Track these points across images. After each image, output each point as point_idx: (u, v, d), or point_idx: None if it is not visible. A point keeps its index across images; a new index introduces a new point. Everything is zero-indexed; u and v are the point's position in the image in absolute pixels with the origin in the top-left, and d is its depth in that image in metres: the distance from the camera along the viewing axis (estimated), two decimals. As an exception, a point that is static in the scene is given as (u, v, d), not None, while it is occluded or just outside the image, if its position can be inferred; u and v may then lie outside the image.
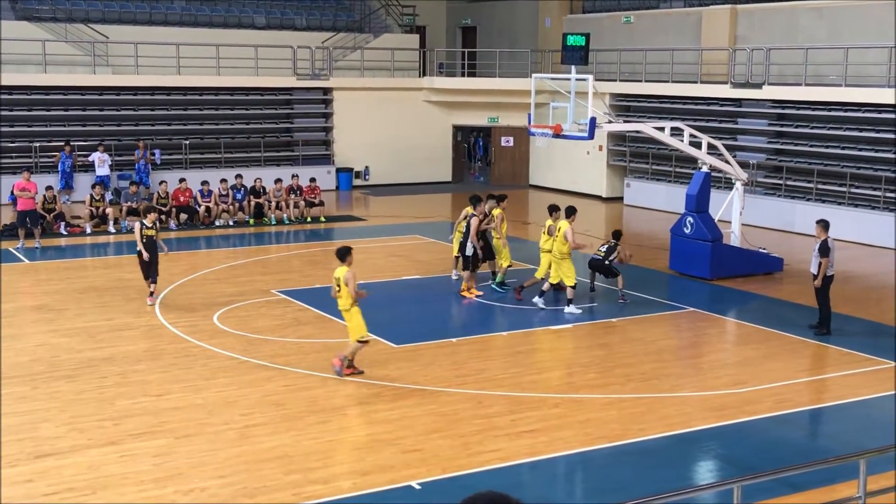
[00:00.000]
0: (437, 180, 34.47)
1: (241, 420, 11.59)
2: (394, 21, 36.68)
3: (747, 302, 18.27)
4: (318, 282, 18.94)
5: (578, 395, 12.69)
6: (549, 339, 15.29)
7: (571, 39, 18.90)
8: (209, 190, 25.50)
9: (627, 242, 20.56)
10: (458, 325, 16.57)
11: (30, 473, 10.05)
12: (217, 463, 10.40)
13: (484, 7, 39.40)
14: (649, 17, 32.53)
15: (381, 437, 11.17)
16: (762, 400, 12.62)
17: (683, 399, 12.71)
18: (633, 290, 18.46)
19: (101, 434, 11.10)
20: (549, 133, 19.04)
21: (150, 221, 16.90)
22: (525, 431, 11.38)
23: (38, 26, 29.69)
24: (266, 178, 26.92)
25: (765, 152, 27.50)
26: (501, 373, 13.61)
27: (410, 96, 34.06)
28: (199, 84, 31.07)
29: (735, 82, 27.55)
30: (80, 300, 17.24)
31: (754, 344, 15.32)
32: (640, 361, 14.20)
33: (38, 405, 12.00)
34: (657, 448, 11.08)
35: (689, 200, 19.92)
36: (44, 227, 22.78)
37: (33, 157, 28.35)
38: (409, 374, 13.38)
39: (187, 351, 14.32)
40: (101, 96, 30.13)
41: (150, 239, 16.77)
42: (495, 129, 34.95)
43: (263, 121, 32.54)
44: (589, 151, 31.12)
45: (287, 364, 13.59)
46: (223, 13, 33.80)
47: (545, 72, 31.11)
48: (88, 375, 13.13)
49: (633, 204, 30.25)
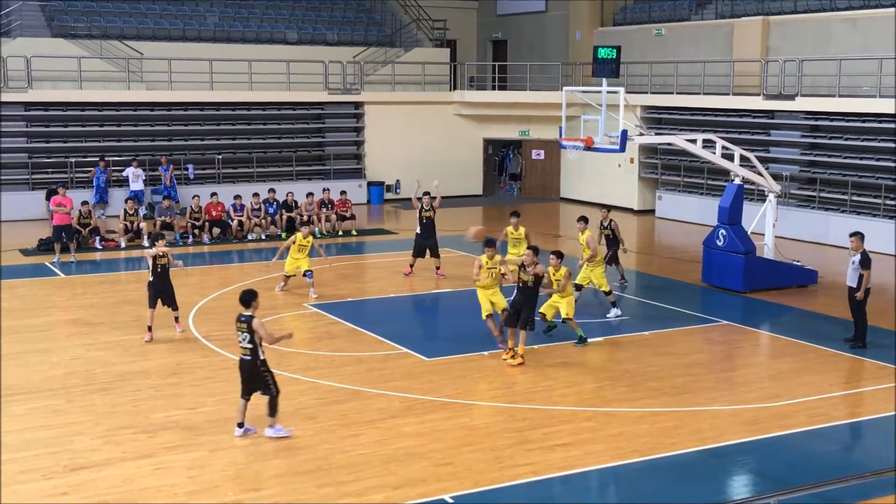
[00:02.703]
0: (468, 193, 34.51)
1: (274, 433, 11.64)
2: (425, 35, 36.82)
3: (781, 315, 18.11)
4: (349, 295, 19.03)
5: (610, 409, 12.64)
6: (580, 352, 15.23)
7: (602, 52, 18.89)
8: (241, 204, 25.70)
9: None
10: (489, 338, 16.54)
11: (65, 486, 10.15)
12: (251, 476, 10.45)
13: (514, 21, 39.46)
14: (680, 30, 32.44)
15: (412, 450, 11.18)
16: (796, 414, 12.51)
17: (716, 413, 12.62)
18: (665, 304, 18.40)
19: (135, 447, 11.19)
20: (580, 146, 19.04)
21: (162, 248, 15.78)
22: (557, 445, 11.34)
23: (73, 43, 30.11)
24: (298, 192, 27.11)
25: (798, 164, 27.29)
26: (533, 386, 13.58)
27: (441, 110, 34.16)
28: (231, 99, 31.35)
29: (767, 94, 27.39)
30: (114, 314, 17.40)
31: (788, 357, 15.18)
32: (672, 375, 14.12)
33: (73, 418, 12.12)
34: (690, 462, 11.01)
35: (722, 213, 19.81)
36: (79, 241, 23.04)
37: (69, 172, 28.71)
38: (440, 388, 13.38)
39: (220, 364, 14.42)
40: (135, 112, 30.48)
41: (164, 269, 15.72)
42: (526, 142, 34.94)
43: (295, 135, 32.77)
44: (620, 164, 31.03)
45: (319, 377, 13.64)
46: (256, 29, 34.10)
47: (576, 85, 31.11)
48: (123, 389, 13.25)
49: (664, 216, 30.12)
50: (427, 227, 20.59)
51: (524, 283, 14.52)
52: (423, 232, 20.62)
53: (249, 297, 11.27)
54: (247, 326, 11.09)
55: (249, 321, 11.11)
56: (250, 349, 11.19)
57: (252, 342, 11.15)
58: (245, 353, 11.25)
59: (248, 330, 11.10)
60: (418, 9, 37.18)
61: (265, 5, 35.74)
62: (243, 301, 11.25)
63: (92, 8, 32.34)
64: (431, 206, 20.70)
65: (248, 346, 11.19)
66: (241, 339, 11.24)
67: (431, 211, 20.63)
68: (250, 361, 11.21)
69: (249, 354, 11.21)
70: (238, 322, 11.20)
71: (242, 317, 11.16)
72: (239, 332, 11.22)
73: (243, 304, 11.23)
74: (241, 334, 11.20)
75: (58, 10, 31.54)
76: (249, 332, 11.10)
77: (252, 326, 11.07)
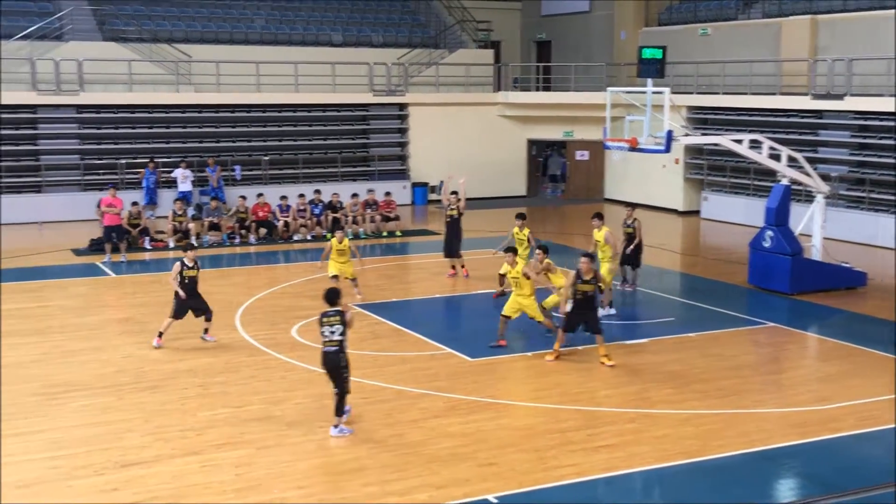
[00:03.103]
0: (512, 195, 34.51)
1: (320, 432, 11.76)
2: (469, 37, 36.88)
3: (829, 317, 17.92)
4: (393, 296, 19.13)
5: (655, 411, 12.59)
6: (624, 353, 15.19)
7: (648, 52, 18.81)
8: (287, 205, 25.93)
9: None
10: (533, 339, 16.54)
11: (116, 482, 10.34)
12: (296, 474, 10.57)
13: (558, 21, 39.38)
14: (727, 29, 32.17)
15: (456, 450, 11.23)
16: (845, 417, 12.37)
17: (763, 415, 12.53)
18: (711, 306, 18.29)
19: (184, 444, 11.37)
20: (625, 146, 18.98)
21: (191, 260, 15.47)
22: (601, 446, 11.33)
23: (124, 47, 30.57)
24: (343, 193, 27.29)
25: (847, 164, 26.95)
26: (577, 387, 13.58)
27: (485, 111, 34.20)
28: (278, 101, 31.66)
29: (816, 93, 27.07)
30: (163, 313, 17.54)
31: (836, 360, 15.02)
32: (718, 377, 14.03)
33: (124, 415, 12.33)
34: (736, 465, 10.94)
35: (769, 214, 19.63)
36: (129, 241, 23.40)
37: (119, 173, 29.16)
38: (484, 388, 13.42)
39: (266, 363, 14.58)
40: (183, 114, 30.89)
41: (191, 280, 15.45)
42: (570, 142, 34.84)
43: (340, 136, 33.00)
44: (665, 165, 30.84)
45: (363, 377, 13.74)
46: (301, 32, 34.37)
47: (620, 85, 30.80)
48: (172, 387, 13.46)
49: (710, 217, 29.88)
50: (451, 226, 20.53)
51: (583, 294, 14.40)
52: (448, 232, 20.61)
53: (336, 294, 11.84)
54: (339, 319, 11.61)
55: (342, 314, 11.65)
56: (339, 341, 11.63)
57: (343, 334, 11.63)
58: (332, 345, 11.65)
59: (340, 322, 11.60)
60: (462, 10, 37.25)
61: (311, 8, 36.03)
62: (331, 298, 11.75)
63: (142, 12, 32.81)
64: (457, 206, 20.59)
65: (338, 337, 11.63)
66: (331, 332, 11.63)
67: (456, 210, 20.55)
68: (336, 352, 11.63)
69: (337, 345, 11.64)
70: (327, 317, 11.65)
71: (332, 311, 11.66)
72: (327, 326, 11.62)
73: (331, 302, 11.73)
74: (331, 327, 11.62)
75: (109, 15, 32.05)
76: (342, 325, 11.60)
77: (345, 319, 11.63)
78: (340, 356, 11.65)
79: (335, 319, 11.66)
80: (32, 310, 17.82)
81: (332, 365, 11.67)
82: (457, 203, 20.59)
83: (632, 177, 32.62)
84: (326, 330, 11.67)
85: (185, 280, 15.37)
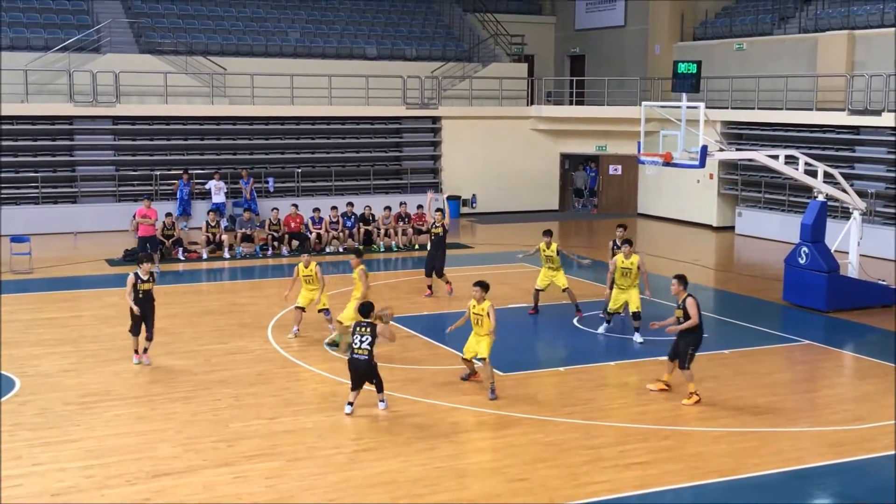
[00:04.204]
0: (545, 209, 34.43)
1: (350, 445, 11.76)
2: (502, 50, 36.92)
3: (865, 335, 17.69)
4: (425, 309, 19.11)
5: (688, 428, 12.47)
6: (657, 370, 15.05)
7: (682, 67, 18.71)
8: (320, 217, 26.03)
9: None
10: (566, 354, 16.47)
11: (147, 492, 10.38)
12: (327, 486, 10.56)
13: (592, 35, 39.32)
14: (762, 44, 31.97)
15: (487, 465, 11.18)
16: (881, 437, 12.19)
17: (798, 434, 12.37)
18: (745, 322, 18.11)
19: (215, 455, 11.40)
20: (659, 161, 18.86)
21: (146, 273, 14.78)
22: (634, 463, 11.23)
23: (160, 59, 30.88)
24: (375, 206, 27.36)
25: (884, 181, 26.63)
26: (609, 403, 13.48)
27: (518, 125, 34.18)
28: (311, 114, 31.83)
29: (853, 109, 26.82)
30: (196, 324, 17.76)
31: (873, 379, 14.81)
32: (752, 395, 13.88)
33: (156, 426, 12.39)
34: (771, 484, 10.81)
35: (805, 230, 19.43)
36: (163, 252, 23.58)
37: (154, 185, 29.41)
38: (515, 403, 13.36)
39: (298, 375, 14.61)
40: (218, 126, 31.13)
41: (146, 294, 14.77)
42: (603, 157, 34.72)
43: (373, 149, 33.11)
44: (699, 180, 30.65)
45: (395, 390, 13.71)
46: (335, 45, 34.56)
47: (654, 99, 30.84)
48: (203, 397, 13.51)
49: (744, 233, 29.64)
50: (436, 244, 20.24)
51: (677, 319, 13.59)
52: (431, 250, 20.34)
53: (369, 308, 12.97)
54: (370, 330, 12.68)
55: (373, 326, 12.75)
56: (368, 350, 12.64)
57: (371, 344, 12.65)
58: (363, 353, 12.65)
59: (370, 333, 12.67)
60: (496, 24, 37.30)
61: (345, 21, 36.22)
62: (364, 312, 12.90)
63: (178, 25, 33.14)
64: (442, 223, 20.34)
65: (367, 346, 12.64)
66: (361, 342, 12.67)
67: (441, 228, 20.28)
68: (367, 360, 12.67)
69: (367, 354, 12.64)
70: (360, 327, 12.77)
71: (365, 322, 12.79)
72: (358, 335, 12.72)
73: (364, 314, 12.88)
74: (362, 337, 12.69)
75: (146, 27, 32.40)
76: (372, 336, 12.66)
77: (376, 331, 12.71)
78: (371, 363, 12.71)
79: (366, 330, 12.71)
80: (66, 319, 17.98)
81: (364, 370, 12.70)
82: (441, 221, 20.49)
83: (665, 192, 32.44)
84: (357, 339, 12.72)
85: (140, 294, 14.74)
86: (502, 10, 39.47)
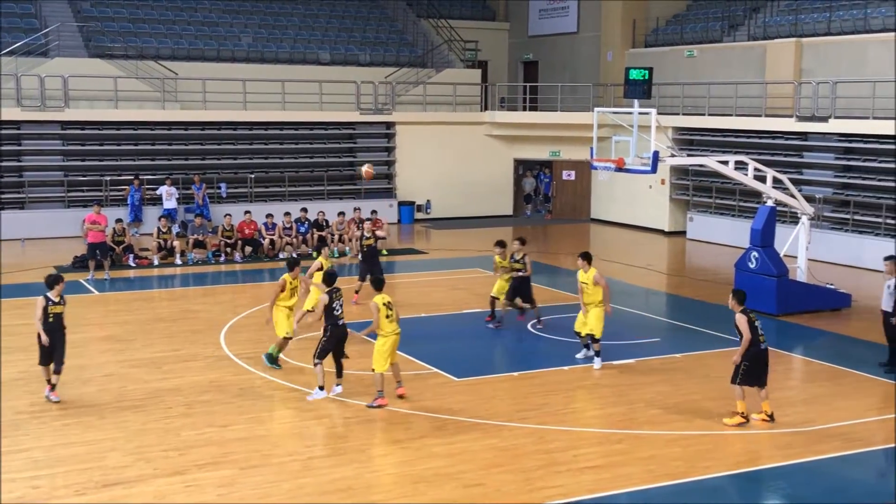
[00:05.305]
0: (499, 214, 34.52)
1: (305, 452, 11.68)
2: (456, 56, 36.99)
3: (814, 339, 17.94)
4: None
5: (642, 432, 12.55)
6: (611, 374, 15.16)
7: (634, 73, 18.89)
8: (273, 223, 25.86)
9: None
10: (520, 359, 16.51)
11: (97, 502, 10.21)
12: (281, 494, 10.47)
13: (545, 42, 39.56)
14: (712, 51, 32.37)
15: (442, 470, 11.16)
16: (831, 439, 12.37)
17: (750, 437, 12.50)
18: (697, 326, 18.29)
19: (166, 464, 11.25)
20: (611, 167, 19.02)
21: (57, 295, 13.35)
22: (587, 467, 11.28)
23: (110, 63, 30.51)
24: (329, 212, 27.23)
25: (831, 186, 27.08)
26: (563, 408, 13.53)
27: (472, 130, 34.24)
28: (264, 119, 31.63)
29: (801, 115, 27.24)
30: (147, 331, 17.55)
31: (822, 381, 15.03)
32: (704, 398, 14.01)
33: (106, 434, 12.21)
34: (723, 486, 10.92)
35: (754, 235, 19.68)
36: (113, 259, 23.27)
37: (104, 190, 29.03)
38: (470, 408, 13.36)
39: (251, 382, 14.48)
40: (169, 131, 30.81)
41: (56, 317, 13.29)
42: (557, 162, 34.89)
43: (327, 155, 32.97)
44: (651, 185, 30.93)
45: (349, 396, 13.65)
46: (289, 49, 34.40)
47: (607, 105, 31.08)
48: (155, 406, 13.33)
49: (696, 238, 29.95)
50: (368, 255, 19.97)
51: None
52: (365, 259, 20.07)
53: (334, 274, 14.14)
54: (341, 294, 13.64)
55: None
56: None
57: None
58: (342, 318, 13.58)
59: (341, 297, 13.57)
60: (450, 30, 37.38)
61: (298, 26, 36.08)
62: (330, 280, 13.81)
63: (129, 29, 32.78)
64: (373, 232, 20.27)
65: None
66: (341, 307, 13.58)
67: (373, 238, 20.08)
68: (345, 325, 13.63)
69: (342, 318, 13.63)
70: (337, 293, 13.67)
71: (337, 288, 13.67)
72: (338, 302, 13.59)
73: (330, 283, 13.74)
74: (340, 301, 13.64)
75: (95, 31, 32.00)
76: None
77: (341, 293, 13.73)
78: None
79: (340, 295, 13.66)
80: (16, 327, 17.65)
81: (344, 335, 13.60)
82: (372, 230, 20.41)
83: (618, 197, 32.70)
84: (337, 305, 13.51)
85: (50, 317, 13.23)
86: (456, 15, 39.57)
